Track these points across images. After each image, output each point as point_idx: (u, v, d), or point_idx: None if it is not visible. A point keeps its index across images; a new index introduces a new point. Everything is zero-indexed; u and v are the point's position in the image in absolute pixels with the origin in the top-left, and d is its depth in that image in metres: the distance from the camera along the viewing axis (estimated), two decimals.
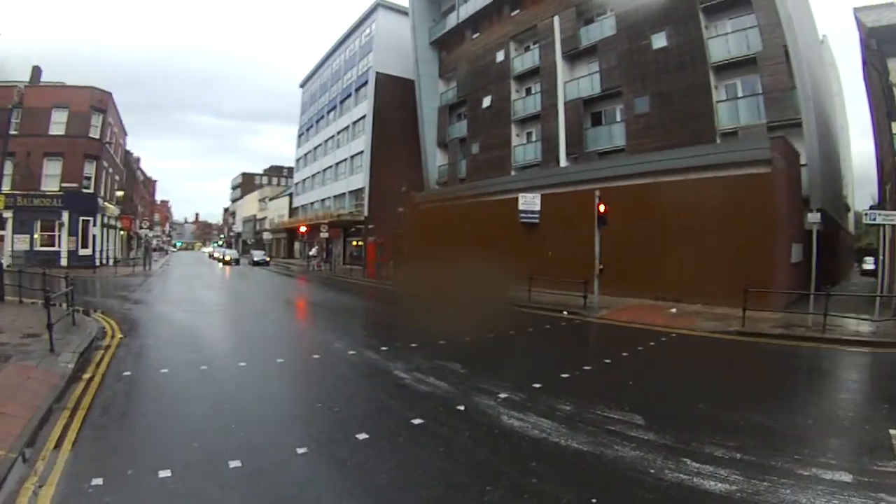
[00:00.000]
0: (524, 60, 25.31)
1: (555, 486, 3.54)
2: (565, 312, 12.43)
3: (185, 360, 7.84)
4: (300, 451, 4.34)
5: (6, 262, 21.28)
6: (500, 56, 26.50)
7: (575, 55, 22.41)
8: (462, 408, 5.33)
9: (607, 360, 7.60)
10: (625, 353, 8.04)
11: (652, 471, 3.73)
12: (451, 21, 30.04)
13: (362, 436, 4.62)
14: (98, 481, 3.95)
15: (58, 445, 4.72)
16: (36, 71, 32.39)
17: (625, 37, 19.96)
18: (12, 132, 22.47)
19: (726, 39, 17.24)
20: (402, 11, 34.75)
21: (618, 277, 13.98)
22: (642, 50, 19.21)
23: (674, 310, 12.46)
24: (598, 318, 11.84)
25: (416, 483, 3.70)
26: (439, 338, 9.12)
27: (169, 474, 4.03)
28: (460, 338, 9.26)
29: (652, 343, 9.00)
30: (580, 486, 3.54)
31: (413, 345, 8.61)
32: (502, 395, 5.72)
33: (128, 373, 7.12)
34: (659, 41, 18.64)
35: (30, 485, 3.99)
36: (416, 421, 4.98)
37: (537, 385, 6.07)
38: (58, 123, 30.00)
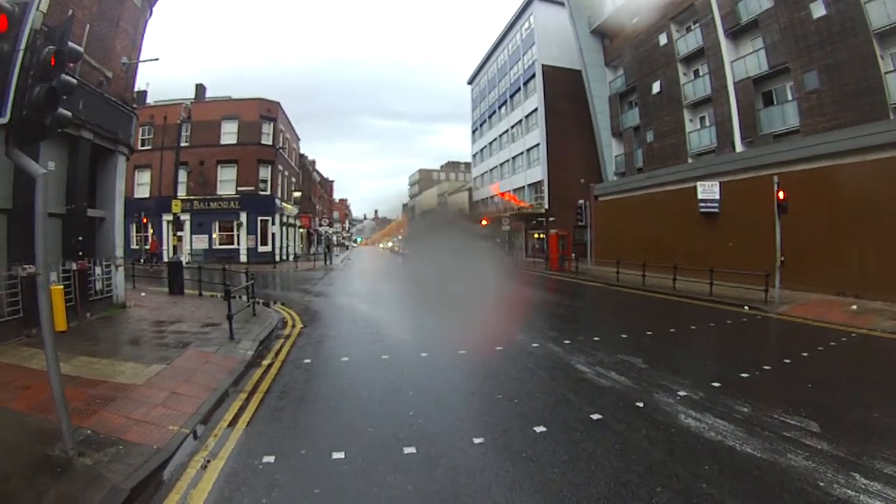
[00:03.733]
0: (687, 42, 23.82)
1: (724, 492, 3.55)
2: (746, 307, 12.07)
3: (366, 350, 7.90)
4: (476, 440, 4.38)
5: (185, 259, 22.06)
6: (662, 39, 25.33)
7: (737, 32, 20.66)
8: (641, 404, 5.30)
9: (787, 360, 7.38)
10: (804, 354, 7.78)
11: (821, 484, 3.66)
12: (609, 6, 29.16)
13: (539, 429, 4.63)
14: (269, 459, 4.00)
15: (231, 424, 4.79)
16: (200, 89, 33.97)
17: (783, 7, 17.90)
18: (183, 144, 23.68)
19: (884, 2, 14.50)
20: (559, 2, 34.56)
21: (796, 270, 13.21)
22: (803, 21, 17.11)
23: (854, 307, 11.53)
24: (778, 315, 11.30)
25: (586, 479, 3.69)
26: (621, 332, 9.38)
27: (342, 456, 4.04)
28: (642, 332, 9.44)
29: (832, 343, 8.62)
30: (747, 495, 3.53)
31: (595, 338, 8.70)
32: (681, 393, 5.64)
33: (308, 360, 7.21)
34: (818, 10, 16.44)
35: (199, 458, 4.05)
36: (595, 416, 4.96)
37: (716, 384, 5.99)
38: (228, 133, 31.36)
